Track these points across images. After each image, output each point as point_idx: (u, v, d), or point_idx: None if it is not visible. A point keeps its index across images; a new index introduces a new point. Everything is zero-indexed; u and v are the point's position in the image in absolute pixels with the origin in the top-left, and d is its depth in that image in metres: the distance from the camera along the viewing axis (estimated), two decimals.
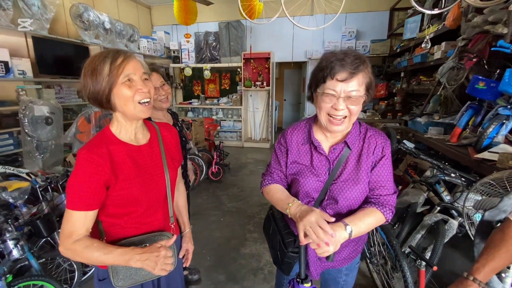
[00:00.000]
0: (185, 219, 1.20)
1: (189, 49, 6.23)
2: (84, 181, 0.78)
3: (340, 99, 0.83)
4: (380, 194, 0.92)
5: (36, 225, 1.74)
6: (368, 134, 0.95)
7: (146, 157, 0.91)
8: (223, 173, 4.25)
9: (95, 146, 0.81)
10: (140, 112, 0.84)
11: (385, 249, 1.74)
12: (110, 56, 0.79)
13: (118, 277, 0.87)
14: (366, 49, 5.40)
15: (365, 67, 0.83)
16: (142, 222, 0.91)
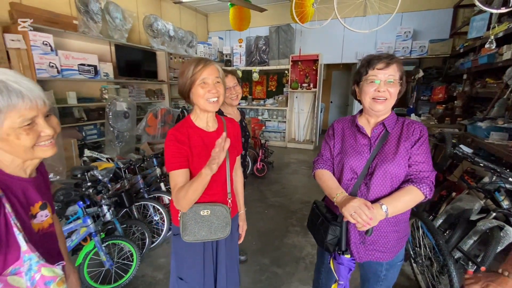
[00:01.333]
0: (241, 201, 1.41)
1: (241, 53, 6.62)
2: (174, 149, 1.07)
3: (381, 82, 1.04)
4: (420, 170, 1.04)
5: (121, 196, 2.16)
6: (406, 122, 1.12)
7: (213, 142, 1.11)
8: (267, 170, 4.46)
9: (179, 127, 1.12)
10: (208, 107, 1.10)
11: (431, 251, 1.73)
12: (195, 62, 1.07)
13: (186, 233, 1.12)
14: (423, 50, 5.09)
15: (398, 61, 1.05)
16: (207, 194, 1.12)
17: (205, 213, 1.12)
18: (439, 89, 4.81)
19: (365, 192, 1.09)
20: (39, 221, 0.79)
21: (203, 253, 1.20)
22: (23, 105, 0.66)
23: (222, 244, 1.25)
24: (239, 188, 1.41)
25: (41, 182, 0.84)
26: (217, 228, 1.15)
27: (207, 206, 1.13)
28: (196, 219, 1.12)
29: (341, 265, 1.05)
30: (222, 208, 1.14)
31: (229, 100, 1.77)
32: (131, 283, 2.04)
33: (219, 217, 1.14)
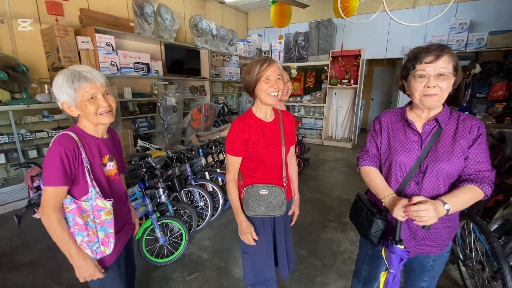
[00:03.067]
0: (295, 187, 1.54)
1: (280, 49, 6.67)
2: (233, 137, 1.27)
3: (431, 77, 0.98)
4: (480, 170, 1.00)
5: (173, 181, 2.39)
6: (462, 117, 1.05)
7: (270, 131, 1.32)
8: (303, 166, 4.48)
9: (242, 118, 1.30)
10: (269, 99, 1.25)
11: (483, 255, 1.65)
12: (260, 62, 1.22)
13: (248, 208, 1.32)
14: (481, 43, 4.63)
15: (449, 51, 0.98)
16: (265, 177, 1.33)
17: (263, 192, 1.30)
18: (499, 85, 4.35)
19: (416, 191, 1.07)
20: (108, 169, 1.15)
21: (262, 229, 1.37)
22: (87, 85, 1.02)
23: (279, 223, 1.41)
24: (294, 175, 1.54)
25: (111, 143, 1.19)
26: (274, 206, 1.32)
27: (265, 187, 1.31)
28: (256, 197, 1.31)
29: (393, 254, 1.07)
30: (278, 189, 1.31)
31: (283, 96, 1.87)
32: (180, 259, 2.25)
33: (276, 196, 1.31)
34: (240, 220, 1.33)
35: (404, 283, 1.35)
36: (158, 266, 2.17)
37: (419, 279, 1.25)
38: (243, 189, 1.33)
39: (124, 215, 1.26)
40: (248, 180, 1.35)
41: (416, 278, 1.25)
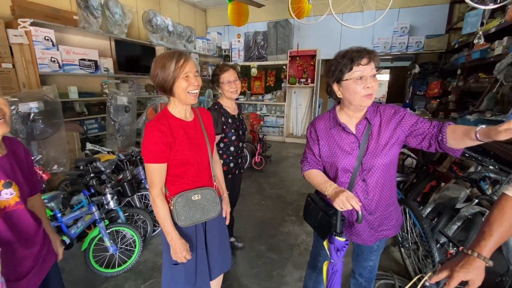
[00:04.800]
0: (222, 186, 1.50)
1: (239, 48, 6.67)
2: (154, 142, 1.11)
3: (368, 78, 1.05)
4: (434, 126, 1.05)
5: (124, 186, 2.26)
6: (381, 108, 1.16)
7: (192, 130, 1.23)
8: (265, 164, 4.56)
9: (159, 119, 1.15)
10: (189, 99, 1.16)
11: (417, 236, 1.84)
12: (175, 57, 1.10)
13: (180, 218, 1.19)
14: (419, 45, 5.15)
15: (376, 54, 1.08)
16: (194, 180, 1.23)
17: (196, 197, 1.21)
18: (434, 84, 4.88)
19: (364, 187, 1.16)
20: (4, 198, 0.88)
21: (195, 236, 1.27)
22: None
23: (211, 226, 1.33)
24: (219, 173, 1.49)
25: (8, 162, 0.92)
26: (209, 209, 1.26)
27: (197, 191, 1.22)
28: (189, 204, 1.20)
29: (332, 245, 1.14)
30: (210, 191, 1.26)
31: (229, 93, 1.84)
32: (134, 267, 2.14)
33: (209, 198, 1.25)
34: (173, 238, 1.17)
35: (353, 265, 1.45)
36: (109, 277, 2.03)
37: (367, 260, 1.36)
38: (171, 200, 1.19)
39: (35, 253, 0.99)
40: (175, 189, 1.21)
41: (365, 259, 1.37)
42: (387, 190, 1.17)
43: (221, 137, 1.84)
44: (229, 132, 1.85)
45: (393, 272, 2.00)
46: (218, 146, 1.87)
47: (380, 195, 1.16)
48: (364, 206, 1.17)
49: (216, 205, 1.27)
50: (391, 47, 5.34)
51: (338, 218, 1.11)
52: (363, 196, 1.17)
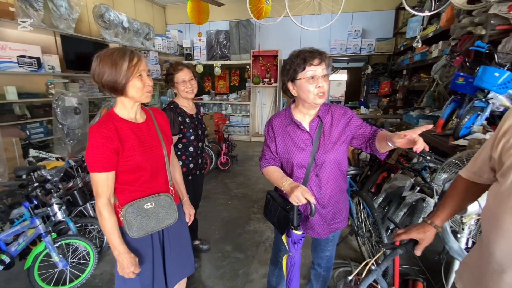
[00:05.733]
0: (182, 189, 1.43)
1: (201, 46, 6.54)
2: (98, 149, 1.00)
3: (320, 78, 1.11)
4: (375, 130, 1.17)
5: (74, 195, 2.08)
6: (332, 108, 1.24)
7: (144, 132, 1.15)
8: (231, 164, 4.54)
9: (103, 122, 1.04)
10: (145, 98, 1.10)
11: (371, 224, 1.99)
12: (127, 55, 1.03)
13: (132, 229, 1.10)
14: (371, 48, 5.55)
15: (326, 55, 1.14)
16: (148, 186, 1.15)
17: (149, 206, 1.13)
18: (385, 83, 5.31)
19: (317, 182, 1.22)
20: None
21: (151, 245, 1.19)
22: None
23: (170, 233, 1.26)
24: (178, 177, 1.42)
25: None
26: (165, 216, 1.18)
27: (150, 199, 1.14)
28: (141, 214, 1.11)
29: (289, 238, 1.18)
30: (165, 197, 1.18)
31: (184, 93, 1.79)
32: (89, 281, 1.98)
33: (164, 205, 1.17)
34: (120, 253, 1.07)
35: (312, 257, 1.52)
36: None
37: (324, 250, 1.44)
38: (121, 210, 1.09)
39: None
40: (126, 197, 1.12)
41: (322, 250, 1.44)
42: (338, 184, 1.25)
43: (179, 137, 1.79)
44: (187, 132, 1.81)
45: (351, 259, 2.14)
46: (176, 147, 1.82)
47: (332, 188, 1.23)
48: (317, 200, 1.23)
49: (173, 211, 1.20)
50: (346, 49, 5.67)
51: (294, 213, 1.15)
52: (317, 190, 1.22)
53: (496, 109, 1.90)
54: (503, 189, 0.74)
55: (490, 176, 0.84)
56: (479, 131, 1.84)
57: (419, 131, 0.90)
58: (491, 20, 2.02)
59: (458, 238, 1.36)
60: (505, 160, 0.74)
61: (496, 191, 0.79)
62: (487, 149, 0.83)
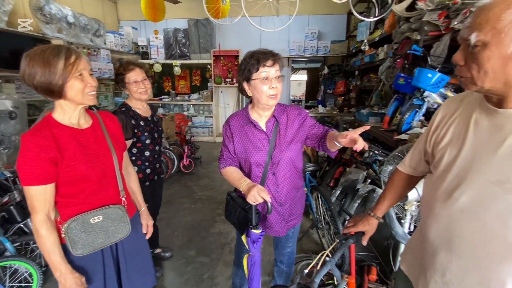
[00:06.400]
0: (139, 199, 1.35)
1: (158, 45, 6.26)
2: (32, 159, 0.90)
3: (273, 79, 1.13)
4: (326, 130, 1.23)
5: (10, 211, 1.84)
6: (287, 109, 1.28)
7: (90, 139, 1.05)
8: (194, 166, 4.43)
9: (38, 130, 0.94)
10: (88, 100, 1.01)
11: (329, 217, 2.10)
12: (63, 53, 0.93)
13: (77, 247, 1.00)
14: (327, 49, 5.85)
15: (280, 57, 1.17)
16: (95, 198, 1.05)
17: (96, 220, 1.03)
18: (340, 83, 5.64)
19: (273, 180, 1.25)
20: None
21: (102, 262, 1.10)
22: None
23: (124, 246, 1.17)
24: (134, 186, 1.34)
25: None
26: (115, 230, 1.08)
27: (97, 212, 1.04)
28: (87, 229, 1.01)
29: (248, 238, 1.20)
30: (116, 209, 1.08)
31: (138, 94, 1.69)
32: None
33: (115, 218, 1.08)
34: (62, 273, 0.97)
35: (275, 254, 1.55)
36: None
37: (285, 247, 1.48)
38: (63, 226, 0.98)
39: None
40: (69, 212, 1.01)
41: (283, 247, 1.48)
42: (294, 182, 1.30)
43: (133, 141, 1.69)
44: (142, 136, 1.72)
45: (312, 252, 2.23)
46: (131, 152, 1.71)
47: (288, 186, 1.28)
48: (275, 198, 1.27)
49: (125, 224, 1.10)
50: (304, 50, 5.90)
51: (253, 212, 1.17)
52: (274, 188, 1.26)
53: (431, 106, 2.14)
54: (434, 179, 0.84)
55: (426, 169, 0.94)
56: (417, 126, 2.06)
57: (359, 132, 0.96)
58: (425, 26, 2.26)
59: (402, 223, 1.51)
60: (436, 154, 0.84)
61: (429, 181, 0.89)
62: (422, 143, 0.93)
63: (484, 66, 0.63)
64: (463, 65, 0.68)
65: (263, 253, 2.25)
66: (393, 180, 1.06)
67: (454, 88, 2.07)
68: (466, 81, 0.70)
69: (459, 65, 0.70)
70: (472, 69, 0.66)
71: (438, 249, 0.80)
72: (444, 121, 0.83)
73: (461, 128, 0.77)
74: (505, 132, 0.66)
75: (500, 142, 0.66)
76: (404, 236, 1.50)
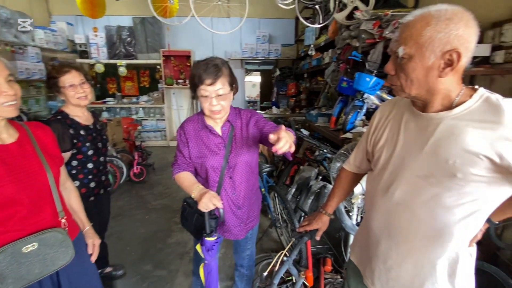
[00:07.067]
0: (82, 217, 1.23)
1: (99, 43, 5.72)
2: None
3: (212, 99, 1.11)
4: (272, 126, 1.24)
5: None
6: (241, 112, 1.30)
7: (15, 156, 0.92)
8: (146, 173, 4.16)
9: None
10: (4, 112, 0.88)
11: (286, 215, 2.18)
12: None
13: (6, 282, 0.87)
14: (277, 52, 6.05)
15: (223, 71, 1.12)
16: (28, 223, 0.92)
17: (30, 248, 0.89)
18: (291, 85, 5.90)
19: (231, 183, 1.25)
20: None
21: None
22: None
23: (67, 270, 1.03)
24: (75, 204, 1.22)
25: None
26: (55, 257, 0.96)
27: (31, 240, 0.90)
28: (19, 260, 0.87)
29: (203, 246, 1.17)
30: (54, 233, 0.96)
31: (76, 100, 1.51)
32: None
33: (54, 244, 0.95)
34: None
35: (235, 258, 1.55)
36: None
37: (245, 250, 1.49)
38: None
39: None
40: None
41: (242, 250, 1.49)
42: (250, 184, 1.32)
43: (72, 153, 1.51)
44: (83, 147, 1.55)
45: (272, 250, 2.29)
46: (70, 165, 1.53)
47: (245, 189, 1.29)
48: (233, 201, 1.27)
49: (67, 249, 0.98)
50: (256, 53, 6.01)
51: (206, 219, 1.15)
52: (231, 192, 1.26)
53: (370, 107, 2.38)
54: (374, 176, 0.93)
55: (368, 166, 1.04)
56: (360, 125, 2.27)
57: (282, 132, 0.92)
58: (362, 34, 2.51)
59: (350, 216, 1.64)
60: (375, 153, 0.93)
61: (370, 178, 0.99)
62: (363, 144, 1.03)
63: (410, 76, 0.72)
64: (394, 74, 0.77)
65: (224, 258, 2.24)
66: (340, 179, 1.15)
67: (388, 90, 2.34)
68: (396, 89, 0.79)
69: (390, 75, 0.79)
70: (401, 78, 0.75)
71: (380, 238, 0.89)
72: (381, 124, 0.93)
73: (394, 130, 0.87)
74: (428, 133, 0.76)
75: (425, 141, 0.76)
76: (353, 228, 1.64)
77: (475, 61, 1.90)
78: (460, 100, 0.72)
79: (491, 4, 1.99)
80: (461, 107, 0.71)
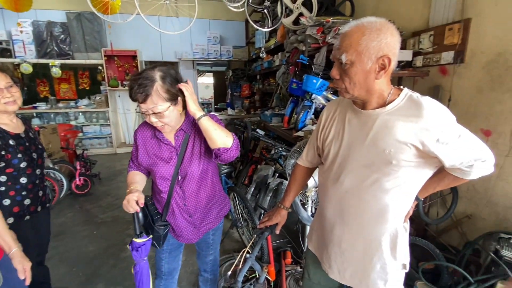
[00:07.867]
0: (6, 239, 1.10)
1: (25, 40, 5.00)
2: None
3: (150, 116, 1.05)
4: None
5: None
6: (192, 119, 1.23)
7: None
8: (91, 185, 3.77)
9: None
10: None
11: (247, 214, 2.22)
12: None
13: None
14: (229, 54, 6.08)
15: (155, 88, 1.00)
16: None
17: None
18: (245, 86, 5.99)
19: (181, 194, 1.20)
20: None
21: None
22: None
23: None
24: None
25: None
26: None
27: None
28: None
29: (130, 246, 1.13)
30: None
31: (2, 106, 1.30)
32: None
33: None
34: None
35: (198, 264, 1.52)
36: None
37: (207, 255, 1.46)
38: None
39: None
40: None
41: (205, 255, 1.46)
42: (205, 193, 1.26)
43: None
44: (14, 159, 1.34)
45: (235, 251, 2.30)
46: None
47: (196, 200, 1.24)
48: (184, 210, 1.23)
49: None
50: (208, 54, 5.95)
51: (134, 220, 1.11)
52: (182, 202, 1.22)
53: (318, 106, 2.56)
54: (325, 169, 1.02)
55: (319, 161, 1.13)
56: (310, 124, 2.43)
57: None
58: (308, 39, 2.69)
59: (306, 208, 1.76)
60: (325, 148, 1.02)
61: (321, 171, 1.08)
62: (314, 141, 1.12)
63: (353, 79, 0.82)
64: (339, 78, 0.86)
65: (185, 264, 2.17)
66: (295, 174, 1.23)
67: (333, 91, 2.55)
68: (342, 91, 0.89)
69: (335, 79, 0.88)
70: (345, 81, 0.84)
71: (334, 224, 0.99)
72: (328, 121, 1.03)
73: (340, 126, 0.97)
74: (368, 128, 0.87)
75: (366, 135, 0.87)
76: (308, 219, 1.75)
77: (401, 65, 2.21)
78: (390, 99, 0.84)
79: (410, 16, 2.34)
80: (392, 104, 0.83)
